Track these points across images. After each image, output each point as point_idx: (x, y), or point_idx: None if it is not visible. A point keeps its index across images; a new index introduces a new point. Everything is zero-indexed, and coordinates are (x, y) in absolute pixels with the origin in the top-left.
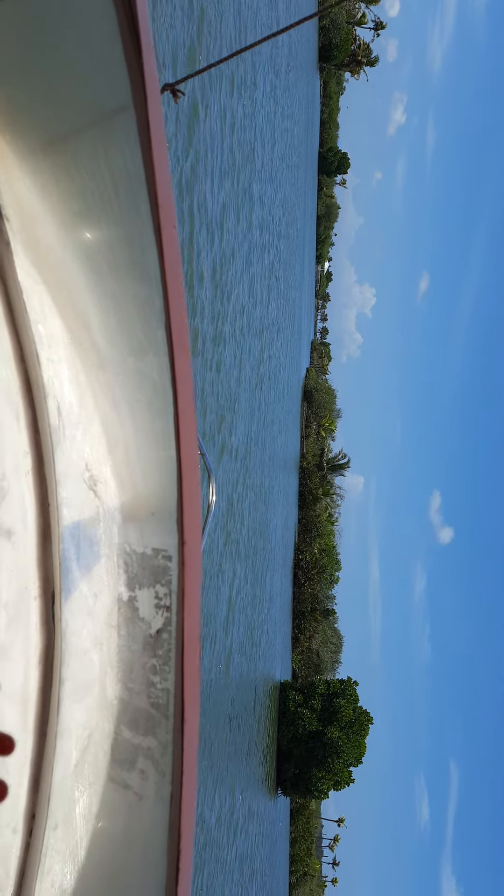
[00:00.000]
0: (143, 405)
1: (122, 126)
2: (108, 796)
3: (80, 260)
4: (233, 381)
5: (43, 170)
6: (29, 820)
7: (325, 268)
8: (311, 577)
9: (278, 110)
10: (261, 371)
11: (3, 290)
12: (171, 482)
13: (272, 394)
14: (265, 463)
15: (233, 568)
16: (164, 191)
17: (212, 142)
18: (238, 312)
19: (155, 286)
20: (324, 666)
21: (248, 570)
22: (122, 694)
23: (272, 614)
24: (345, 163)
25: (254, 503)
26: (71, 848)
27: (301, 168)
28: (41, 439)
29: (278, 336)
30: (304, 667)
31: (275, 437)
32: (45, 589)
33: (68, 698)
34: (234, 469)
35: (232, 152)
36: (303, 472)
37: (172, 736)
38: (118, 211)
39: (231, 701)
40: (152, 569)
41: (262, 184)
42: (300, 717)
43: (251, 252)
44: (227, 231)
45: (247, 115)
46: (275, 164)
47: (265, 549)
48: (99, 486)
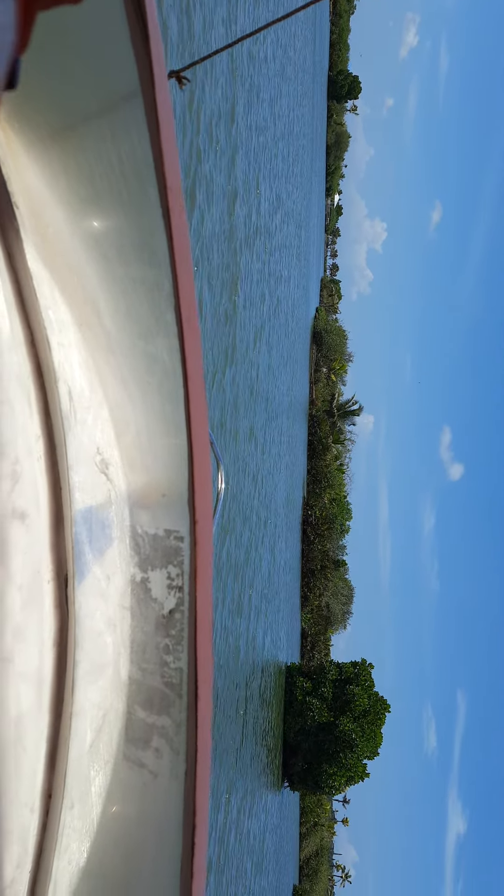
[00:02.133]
0: (153, 388)
1: (129, 112)
2: (124, 775)
3: (89, 245)
4: (237, 326)
5: (51, 157)
6: (45, 799)
7: (335, 201)
8: (321, 534)
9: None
10: (264, 313)
11: (13, 278)
12: (183, 464)
13: (278, 337)
14: (270, 414)
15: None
16: (172, 175)
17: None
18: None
19: (164, 269)
20: (334, 618)
21: (252, 536)
22: (135, 674)
23: (279, 586)
24: (356, 87)
25: (260, 461)
26: (87, 826)
27: (308, 94)
28: (53, 423)
29: (286, 274)
30: (315, 624)
31: (281, 385)
32: (59, 572)
33: (83, 679)
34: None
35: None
36: (312, 420)
37: (186, 714)
38: (126, 196)
39: (234, 685)
40: (164, 550)
41: (266, 110)
42: (309, 708)
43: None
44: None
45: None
46: (280, 86)
47: (270, 511)
48: (111, 469)
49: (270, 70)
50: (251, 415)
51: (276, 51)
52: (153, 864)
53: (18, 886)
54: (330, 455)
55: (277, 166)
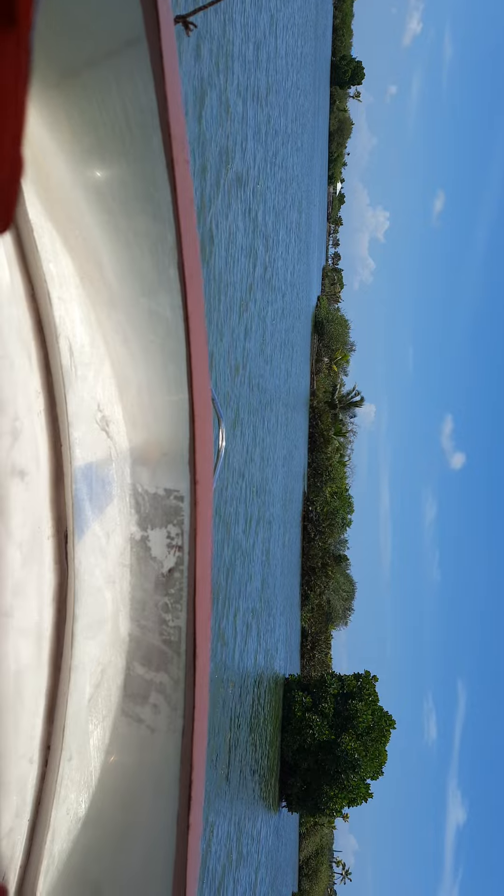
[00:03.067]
0: (155, 346)
1: (134, 59)
2: (122, 729)
3: (92, 197)
4: (234, 313)
5: (54, 104)
6: (44, 751)
7: (337, 189)
8: (322, 531)
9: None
10: (265, 301)
11: (13, 229)
12: (184, 424)
13: (279, 327)
14: (268, 407)
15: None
16: (177, 124)
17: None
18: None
19: (167, 223)
20: (335, 615)
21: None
22: (134, 631)
23: (275, 585)
24: (359, 72)
25: (258, 453)
26: (85, 777)
27: (310, 79)
28: (53, 379)
29: (286, 261)
30: (315, 622)
31: (281, 376)
32: (59, 528)
33: (81, 634)
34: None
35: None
36: (313, 412)
37: (184, 672)
38: (130, 145)
39: (221, 703)
40: (164, 509)
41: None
42: (308, 725)
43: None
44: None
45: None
46: (281, 72)
47: (267, 507)
48: (111, 426)
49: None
50: (247, 407)
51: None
52: (150, 816)
53: (17, 835)
54: (331, 448)
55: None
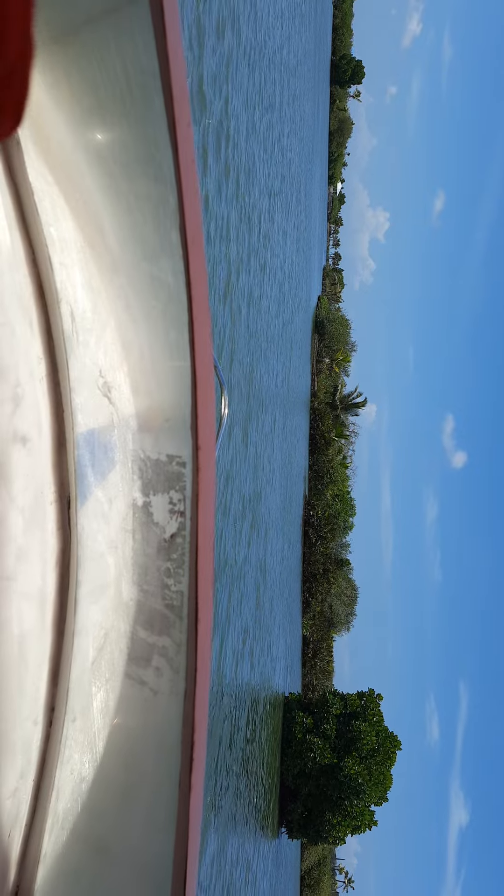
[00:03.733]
0: (157, 311)
1: (135, 15)
2: (125, 691)
3: (92, 159)
4: (234, 312)
5: (53, 63)
6: (48, 712)
7: (337, 189)
8: (323, 536)
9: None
10: (264, 299)
11: (14, 192)
12: (186, 390)
13: (278, 325)
14: (267, 410)
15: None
16: (179, 84)
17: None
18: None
19: (169, 185)
20: (337, 620)
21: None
22: (137, 595)
23: (275, 600)
24: (359, 71)
25: (255, 459)
26: (89, 739)
27: (310, 77)
28: (55, 345)
29: (286, 262)
30: (317, 630)
31: (280, 377)
32: (61, 494)
33: (84, 599)
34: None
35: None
36: (314, 414)
37: (186, 636)
38: (131, 106)
39: (219, 721)
40: (167, 475)
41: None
42: (309, 748)
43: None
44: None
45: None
46: (282, 70)
47: (267, 512)
48: (113, 392)
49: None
50: (248, 411)
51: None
52: (152, 777)
53: (22, 795)
54: (332, 449)
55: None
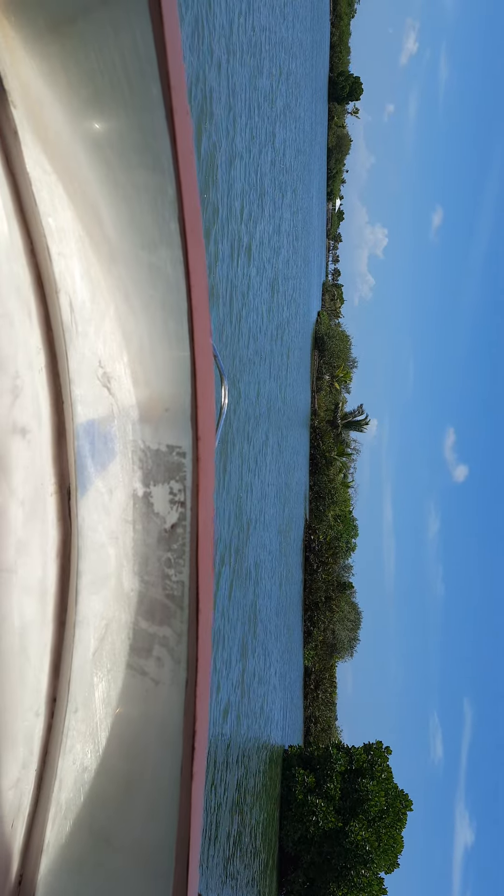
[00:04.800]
0: (156, 301)
1: (132, 5)
2: (126, 682)
3: (90, 148)
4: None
5: (50, 53)
6: (50, 703)
7: (336, 206)
8: (325, 562)
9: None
10: (260, 316)
11: (11, 182)
12: (185, 380)
13: (278, 344)
14: (268, 428)
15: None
16: (177, 74)
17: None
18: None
19: (167, 174)
20: (340, 645)
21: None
22: (138, 586)
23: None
24: (357, 88)
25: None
26: (91, 729)
27: (309, 90)
28: (54, 336)
29: (287, 275)
30: (319, 659)
31: (279, 394)
32: (61, 485)
33: (86, 590)
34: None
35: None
36: (314, 432)
37: (187, 626)
38: (129, 96)
39: (208, 782)
40: (167, 465)
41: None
42: (311, 810)
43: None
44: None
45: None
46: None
47: (263, 544)
48: (113, 383)
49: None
50: (246, 433)
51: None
52: (154, 766)
53: (24, 785)
54: (333, 469)
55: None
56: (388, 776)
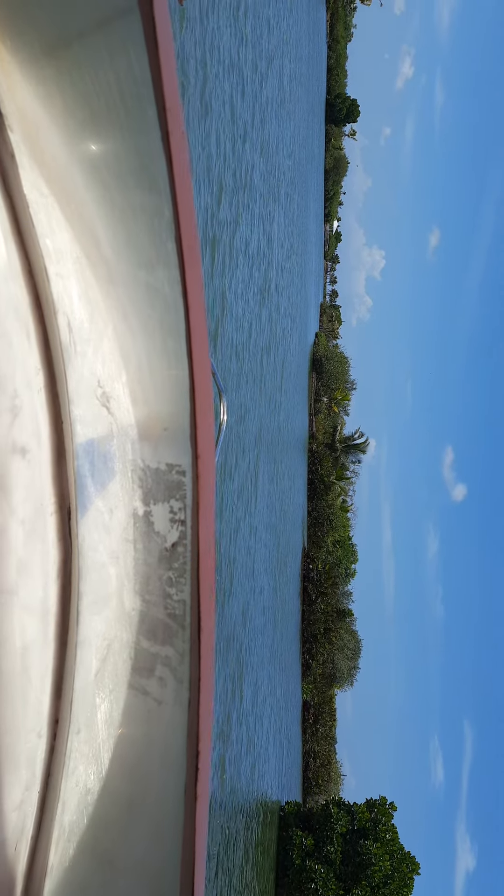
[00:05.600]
0: (154, 321)
1: (126, 28)
2: (129, 702)
3: (87, 171)
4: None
5: (46, 77)
6: (53, 725)
7: (333, 227)
8: (324, 592)
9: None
10: (257, 338)
11: (9, 204)
12: (184, 399)
13: (273, 366)
14: (263, 456)
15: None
16: (172, 96)
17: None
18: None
19: (164, 196)
20: (340, 675)
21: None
22: (139, 606)
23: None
24: (354, 110)
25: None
26: (94, 750)
27: (307, 114)
28: (52, 356)
29: (283, 296)
30: (318, 692)
31: (274, 418)
32: (61, 505)
33: (87, 610)
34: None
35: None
36: (312, 457)
37: (189, 645)
38: (125, 118)
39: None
40: (167, 484)
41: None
42: (310, 877)
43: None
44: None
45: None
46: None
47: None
48: (112, 402)
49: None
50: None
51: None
52: (158, 787)
53: (27, 807)
54: (332, 494)
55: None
56: (392, 836)
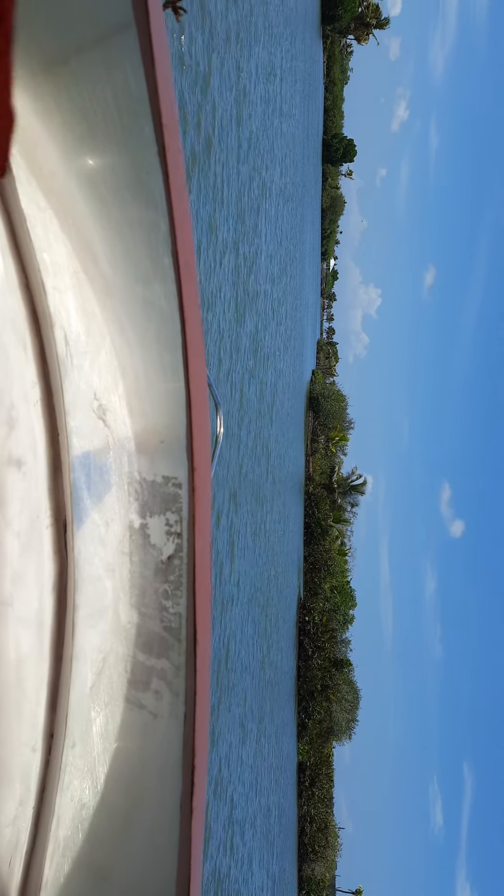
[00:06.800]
0: (151, 334)
1: (123, 45)
2: (124, 716)
3: (84, 185)
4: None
5: (43, 92)
6: (48, 739)
7: (330, 265)
8: (321, 646)
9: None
10: (253, 377)
11: (6, 218)
12: (181, 411)
13: (267, 408)
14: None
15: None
16: (169, 112)
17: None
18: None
19: (161, 210)
20: (338, 728)
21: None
22: (135, 618)
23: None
24: (351, 150)
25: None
26: (89, 764)
27: (304, 155)
28: (49, 369)
29: (281, 337)
30: (314, 752)
31: (269, 462)
32: (57, 518)
33: (83, 623)
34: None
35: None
36: (309, 499)
37: (185, 658)
38: (121, 133)
39: None
40: (163, 496)
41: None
42: None
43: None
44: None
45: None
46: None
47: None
48: (108, 415)
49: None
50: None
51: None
52: (153, 801)
53: (22, 822)
54: (329, 538)
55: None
56: None
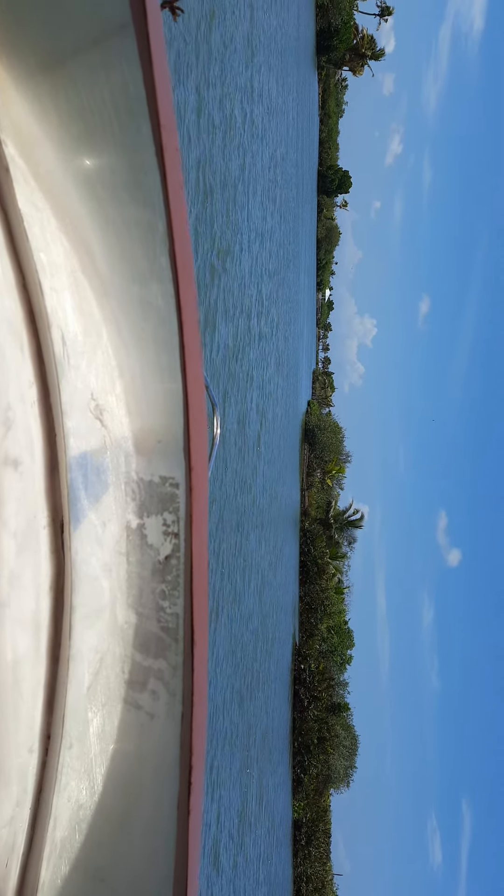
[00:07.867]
0: (148, 335)
1: (121, 45)
2: (121, 716)
3: (81, 185)
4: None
5: (41, 92)
6: (44, 740)
7: (326, 296)
8: (317, 696)
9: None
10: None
11: (4, 218)
12: (178, 412)
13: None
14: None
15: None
16: (166, 112)
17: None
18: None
19: (158, 211)
20: (335, 776)
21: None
22: (132, 619)
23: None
24: (346, 181)
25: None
26: (86, 765)
27: (299, 184)
28: (46, 369)
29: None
30: (311, 808)
31: (264, 498)
32: (54, 518)
33: (80, 624)
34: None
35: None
36: (305, 536)
37: (182, 658)
38: (119, 133)
39: None
40: (160, 496)
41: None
42: None
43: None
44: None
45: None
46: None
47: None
48: (105, 415)
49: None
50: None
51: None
52: (150, 801)
53: (18, 823)
54: (326, 576)
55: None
56: None
